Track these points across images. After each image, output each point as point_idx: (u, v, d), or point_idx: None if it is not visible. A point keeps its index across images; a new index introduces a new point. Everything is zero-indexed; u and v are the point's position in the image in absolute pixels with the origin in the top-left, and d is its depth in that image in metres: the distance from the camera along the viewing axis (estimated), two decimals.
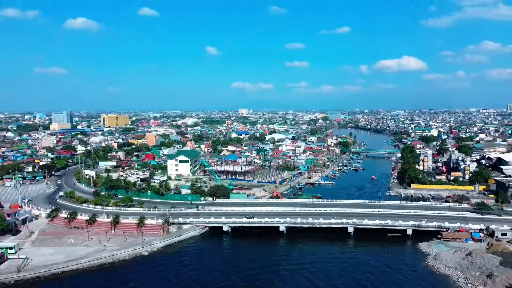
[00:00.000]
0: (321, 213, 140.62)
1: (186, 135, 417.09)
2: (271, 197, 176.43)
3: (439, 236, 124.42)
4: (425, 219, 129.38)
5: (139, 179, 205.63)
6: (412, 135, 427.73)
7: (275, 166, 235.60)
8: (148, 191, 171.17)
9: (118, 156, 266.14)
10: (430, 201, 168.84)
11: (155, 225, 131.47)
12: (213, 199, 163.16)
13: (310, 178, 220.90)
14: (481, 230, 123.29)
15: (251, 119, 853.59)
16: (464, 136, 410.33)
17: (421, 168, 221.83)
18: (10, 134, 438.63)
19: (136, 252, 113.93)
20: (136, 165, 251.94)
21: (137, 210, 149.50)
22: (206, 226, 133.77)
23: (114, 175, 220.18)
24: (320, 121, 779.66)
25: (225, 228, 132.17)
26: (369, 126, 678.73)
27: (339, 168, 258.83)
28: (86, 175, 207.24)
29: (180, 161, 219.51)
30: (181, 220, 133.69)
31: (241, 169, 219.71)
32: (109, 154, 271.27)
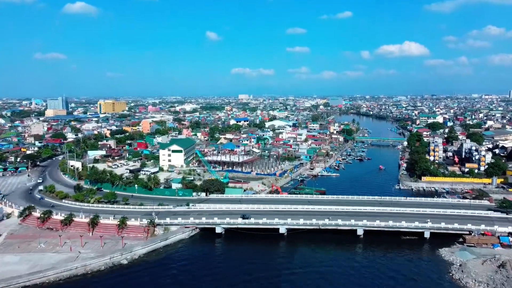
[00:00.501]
0: (326, 212, 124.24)
1: (183, 122, 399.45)
2: (270, 192, 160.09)
3: (461, 240, 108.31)
4: (444, 222, 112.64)
5: (128, 171, 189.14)
6: (417, 122, 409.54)
7: (275, 156, 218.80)
8: (136, 185, 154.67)
9: (108, 145, 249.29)
10: (445, 197, 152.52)
11: (139, 226, 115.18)
12: (206, 195, 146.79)
13: (312, 169, 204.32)
14: (509, 234, 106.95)
15: (251, 105, 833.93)
16: (471, 123, 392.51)
17: (431, 158, 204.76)
18: (1, 120, 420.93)
19: (113, 261, 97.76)
20: (127, 154, 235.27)
21: (120, 207, 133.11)
22: (196, 228, 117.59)
23: (102, 166, 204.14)
24: (321, 107, 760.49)
25: (218, 230, 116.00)
26: (371, 112, 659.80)
27: (343, 158, 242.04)
28: (71, 166, 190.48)
29: (173, 151, 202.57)
30: (168, 220, 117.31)
31: (239, 159, 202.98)
32: (99, 143, 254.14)
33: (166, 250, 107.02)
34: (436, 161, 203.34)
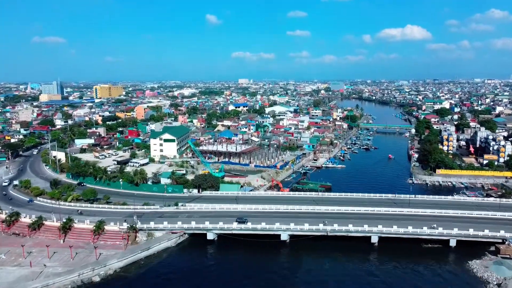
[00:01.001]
0: (334, 214, 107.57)
1: (179, 108, 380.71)
2: (270, 187, 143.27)
3: (493, 249, 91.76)
4: (472, 228, 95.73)
5: (115, 162, 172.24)
6: (423, 107, 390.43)
7: (275, 146, 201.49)
8: (120, 180, 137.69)
9: (97, 133, 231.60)
10: (465, 193, 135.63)
11: (118, 232, 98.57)
12: (198, 191, 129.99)
13: (316, 160, 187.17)
14: None
15: (251, 89, 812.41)
16: (479, 108, 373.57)
17: (444, 148, 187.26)
18: None
19: (83, 278, 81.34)
20: (117, 143, 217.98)
21: (100, 207, 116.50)
22: (185, 233, 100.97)
23: (88, 157, 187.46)
24: (323, 92, 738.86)
25: (210, 236, 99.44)
26: (374, 98, 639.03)
27: (348, 147, 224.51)
28: (54, 157, 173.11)
29: (165, 140, 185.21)
30: (152, 225, 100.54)
31: (236, 149, 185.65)
32: (88, 131, 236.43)
33: (148, 262, 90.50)
34: (450, 152, 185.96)
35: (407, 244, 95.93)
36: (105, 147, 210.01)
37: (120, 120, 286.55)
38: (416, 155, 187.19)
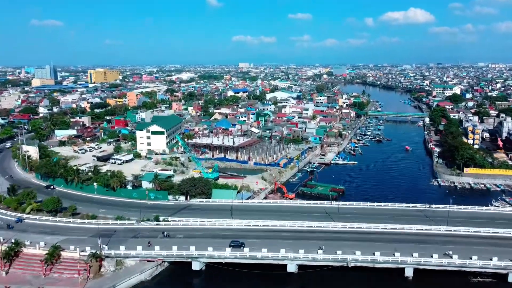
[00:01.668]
0: (353, 234, 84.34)
1: (175, 93, 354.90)
2: (272, 192, 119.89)
3: None
4: None
5: (95, 158, 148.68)
6: (433, 93, 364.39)
7: (277, 138, 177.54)
8: (95, 184, 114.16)
9: (81, 123, 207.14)
10: (504, 200, 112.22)
11: (78, 260, 75.43)
12: (186, 199, 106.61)
13: (324, 155, 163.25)
14: None
15: (251, 74, 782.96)
16: (493, 95, 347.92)
17: (469, 142, 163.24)
18: None
19: None
20: (102, 134, 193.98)
21: (65, 221, 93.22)
22: (163, 262, 77.83)
23: (67, 151, 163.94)
24: (325, 76, 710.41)
25: (196, 265, 76.29)
26: (378, 82, 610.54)
27: (358, 138, 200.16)
28: (26, 151, 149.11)
29: (153, 133, 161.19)
30: (122, 251, 77.18)
31: (234, 142, 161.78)
32: (71, 120, 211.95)
33: None
34: (476, 146, 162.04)
35: (451, 278, 72.92)
36: (88, 139, 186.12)
37: (109, 108, 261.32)
38: (437, 150, 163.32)
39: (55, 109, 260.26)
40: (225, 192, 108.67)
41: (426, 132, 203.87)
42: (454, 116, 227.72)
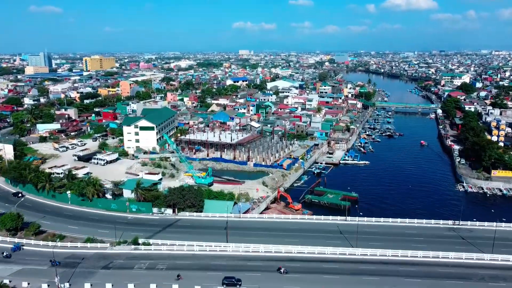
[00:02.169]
0: (376, 263, 67.30)
1: (171, 82, 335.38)
2: (274, 200, 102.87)
3: None
4: None
5: (76, 158, 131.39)
6: (442, 82, 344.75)
7: (280, 133, 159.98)
8: (68, 192, 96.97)
9: (66, 115, 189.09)
10: None
11: None
12: (174, 212, 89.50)
13: (331, 154, 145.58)
14: None
15: (251, 61, 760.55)
16: (505, 84, 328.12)
17: (493, 138, 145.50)
18: None
19: None
20: (88, 128, 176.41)
21: (25, 243, 76.20)
22: None
23: (47, 149, 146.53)
24: (327, 64, 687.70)
25: None
26: (382, 70, 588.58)
27: (367, 133, 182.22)
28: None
29: (142, 128, 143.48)
30: None
31: (231, 139, 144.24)
32: (56, 112, 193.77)
33: None
34: (501, 143, 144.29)
35: None
36: (72, 134, 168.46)
37: (99, 99, 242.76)
38: (457, 147, 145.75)
39: (42, 100, 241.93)
40: (220, 204, 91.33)
41: (441, 127, 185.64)
42: (469, 108, 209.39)
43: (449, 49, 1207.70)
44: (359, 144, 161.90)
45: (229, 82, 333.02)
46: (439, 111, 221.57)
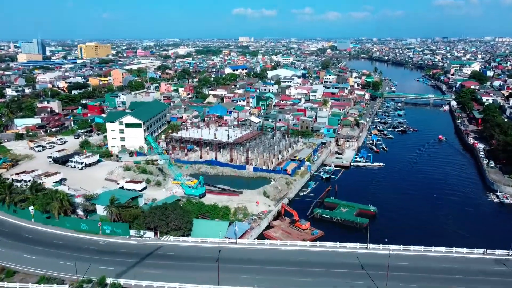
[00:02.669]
0: None
1: (167, 71, 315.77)
2: (278, 216, 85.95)
3: None
4: None
5: (51, 160, 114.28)
6: (451, 71, 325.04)
7: (282, 130, 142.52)
8: (31, 208, 79.93)
9: (49, 109, 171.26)
10: None
11: None
12: (155, 235, 72.57)
13: (341, 154, 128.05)
14: None
15: (251, 48, 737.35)
16: None
17: None
18: None
19: None
20: (71, 123, 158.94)
21: None
22: None
23: (21, 147, 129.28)
24: (329, 51, 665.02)
25: None
26: (386, 58, 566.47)
27: (378, 128, 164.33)
28: None
29: (128, 125, 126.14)
30: None
31: (228, 137, 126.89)
32: (38, 105, 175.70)
33: None
34: None
35: None
36: (54, 129, 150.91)
37: (89, 89, 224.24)
38: (481, 146, 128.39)
39: (27, 91, 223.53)
40: (212, 225, 74.53)
41: (459, 121, 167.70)
42: (487, 100, 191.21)
43: (451, 36, 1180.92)
44: (371, 141, 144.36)
45: (228, 70, 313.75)
46: (453, 103, 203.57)
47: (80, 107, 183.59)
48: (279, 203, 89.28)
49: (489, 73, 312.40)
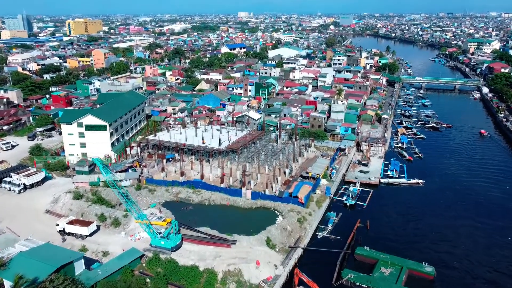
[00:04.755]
0: None
1: (157, 50, 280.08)
2: (288, 286, 55.89)
3: None
4: None
5: None
6: (471, 50, 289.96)
7: (288, 128, 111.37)
8: None
9: (5, 99, 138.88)
10: None
11: None
12: None
13: (366, 165, 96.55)
14: None
15: (251, 24, 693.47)
16: None
17: None
18: None
19: None
20: (30, 118, 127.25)
21: None
22: None
23: None
24: (331, 27, 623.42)
25: None
26: (393, 35, 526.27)
27: (404, 125, 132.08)
28: None
29: (89, 127, 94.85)
30: None
31: (220, 141, 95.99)
32: None
33: None
34: None
35: None
36: (5, 127, 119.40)
37: (61, 73, 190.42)
38: None
39: None
40: None
41: (502, 115, 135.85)
42: None
43: (455, 11, 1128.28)
44: (400, 144, 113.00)
45: (224, 49, 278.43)
46: (485, 89, 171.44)
47: (46, 97, 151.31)
48: (290, 260, 59.24)
49: (511, 52, 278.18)
